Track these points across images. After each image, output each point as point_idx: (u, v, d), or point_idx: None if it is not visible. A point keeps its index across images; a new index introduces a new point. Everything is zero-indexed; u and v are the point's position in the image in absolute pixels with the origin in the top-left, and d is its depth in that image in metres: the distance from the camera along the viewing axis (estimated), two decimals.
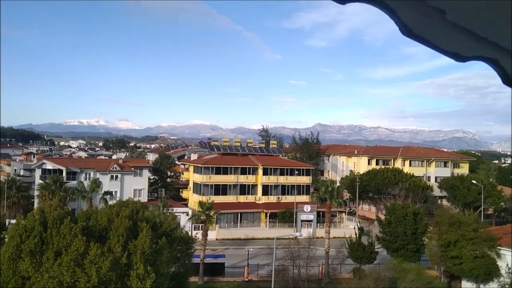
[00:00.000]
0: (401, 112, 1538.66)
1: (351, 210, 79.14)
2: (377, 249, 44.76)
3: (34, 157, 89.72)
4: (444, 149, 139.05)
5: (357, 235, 44.31)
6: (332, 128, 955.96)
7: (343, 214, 69.52)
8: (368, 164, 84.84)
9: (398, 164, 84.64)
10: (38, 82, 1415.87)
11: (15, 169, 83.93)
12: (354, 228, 49.16)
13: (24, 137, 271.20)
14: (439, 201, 77.22)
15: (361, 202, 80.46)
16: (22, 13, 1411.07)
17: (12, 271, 18.60)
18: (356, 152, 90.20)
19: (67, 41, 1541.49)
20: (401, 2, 1.44)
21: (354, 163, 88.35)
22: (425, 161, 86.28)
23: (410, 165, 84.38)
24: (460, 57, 1.60)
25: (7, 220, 47.44)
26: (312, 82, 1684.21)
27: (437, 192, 77.77)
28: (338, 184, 70.30)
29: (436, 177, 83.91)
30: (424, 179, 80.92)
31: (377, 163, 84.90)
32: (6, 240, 23.78)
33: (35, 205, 55.80)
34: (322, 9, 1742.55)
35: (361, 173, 78.86)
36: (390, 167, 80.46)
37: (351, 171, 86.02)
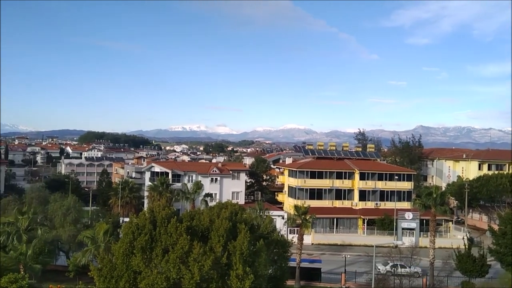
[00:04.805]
0: None
1: (459, 219, 73.62)
2: (489, 262, 41.49)
3: (144, 160, 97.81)
4: None
5: (467, 246, 41.35)
6: (436, 131, 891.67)
7: (450, 223, 64.82)
8: (479, 169, 79.34)
9: None
10: (148, 92, 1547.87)
11: (128, 172, 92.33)
12: (463, 238, 45.77)
13: (135, 142, 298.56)
14: None
15: (470, 210, 74.21)
16: (133, 28, 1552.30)
17: (125, 266, 20.29)
18: (464, 156, 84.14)
19: (174, 54, 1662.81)
20: None
21: (462, 168, 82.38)
22: None
23: None
24: None
25: (121, 218, 52.13)
26: (413, 82, 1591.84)
27: None
28: (443, 190, 65.77)
29: None
30: None
31: (489, 168, 79.20)
32: (120, 236, 26.05)
33: (145, 205, 60.74)
34: (422, 5, 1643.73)
35: (471, 179, 73.21)
36: (505, 172, 73.64)
37: (458, 176, 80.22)
